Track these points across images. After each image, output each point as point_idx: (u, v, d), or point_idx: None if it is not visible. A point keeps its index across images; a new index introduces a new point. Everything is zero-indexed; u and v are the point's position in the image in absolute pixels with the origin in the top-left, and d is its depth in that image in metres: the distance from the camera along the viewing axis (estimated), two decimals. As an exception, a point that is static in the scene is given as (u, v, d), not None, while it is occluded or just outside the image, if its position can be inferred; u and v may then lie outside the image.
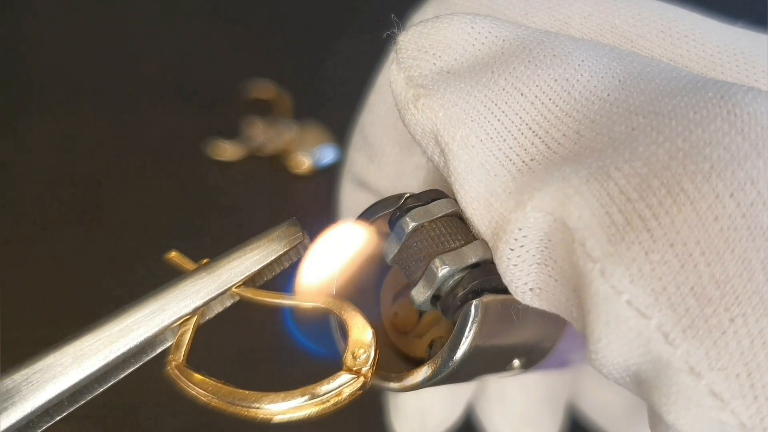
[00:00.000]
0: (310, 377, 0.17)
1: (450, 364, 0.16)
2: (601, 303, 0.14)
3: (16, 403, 0.16)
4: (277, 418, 0.16)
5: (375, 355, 0.16)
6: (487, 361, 0.17)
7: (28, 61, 0.48)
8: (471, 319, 0.15)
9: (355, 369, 0.16)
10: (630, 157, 0.14)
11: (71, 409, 0.17)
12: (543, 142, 0.16)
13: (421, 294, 0.16)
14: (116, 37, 0.51)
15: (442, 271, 0.15)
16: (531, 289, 0.16)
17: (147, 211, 0.44)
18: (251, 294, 0.17)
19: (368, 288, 0.19)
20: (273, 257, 0.17)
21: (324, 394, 0.16)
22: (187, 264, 0.17)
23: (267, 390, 0.16)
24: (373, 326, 0.17)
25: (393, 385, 0.17)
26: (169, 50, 0.51)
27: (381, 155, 0.22)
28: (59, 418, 0.17)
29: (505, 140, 0.16)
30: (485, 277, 0.16)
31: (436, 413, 0.26)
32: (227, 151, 0.48)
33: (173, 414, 0.38)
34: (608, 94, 0.16)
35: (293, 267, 0.18)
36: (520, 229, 0.15)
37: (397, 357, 0.19)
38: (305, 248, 0.18)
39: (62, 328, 0.17)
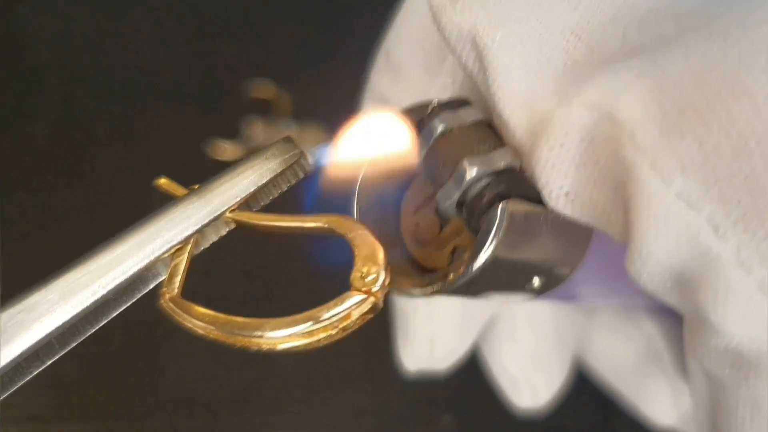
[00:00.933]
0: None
1: (472, 269, 0.15)
2: (650, 196, 0.13)
3: (2, 345, 0.15)
4: (281, 347, 0.15)
5: (386, 274, 0.15)
6: (507, 275, 0.17)
7: (26, 61, 0.48)
8: (497, 223, 0.15)
9: (364, 289, 0.15)
10: (684, 53, 0.14)
11: (62, 352, 0.16)
12: (586, 45, 0.15)
13: (447, 197, 0.16)
14: (115, 37, 0.51)
15: (471, 173, 0.15)
16: (566, 194, 0.15)
17: (147, 211, 0.43)
18: (247, 218, 0.16)
19: (389, 200, 0.18)
20: (269, 177, 0.16)
21: (330, 318, 0.15)
22: (178, 190, 0.16)
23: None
24: (383, 244, 0.16)
25: (412, 290, 0.17)
26: (169, 50, 0.51)
27: (406, 76, 0.22)
28: (50, 362, 0.16)
29: (546, 43, 0.16)
30: (513, 183, 0.15)
31: (445, 342, 0.25)
32: (227, 151, 0.47)
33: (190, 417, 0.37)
34: (654, 2, 0.16)
35: (291, 190, 0.17)
36: (562, 127, 0.15)
37: (416, 269, 0.18)
38: (303, 168, 0.17)
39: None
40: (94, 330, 0.16)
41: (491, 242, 0.15)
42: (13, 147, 0.45)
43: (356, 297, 0.15)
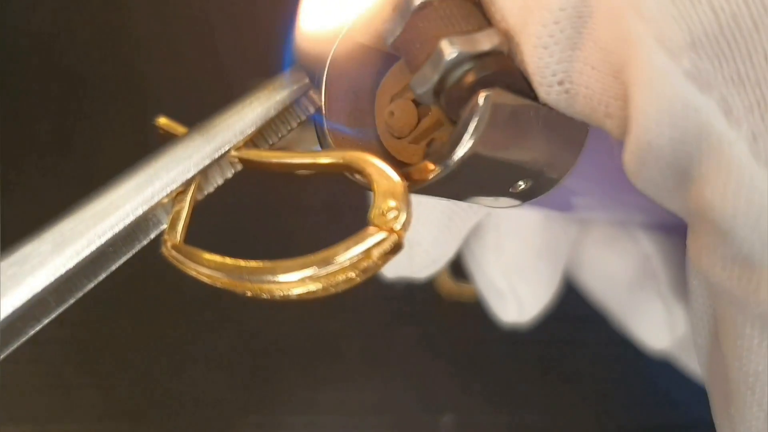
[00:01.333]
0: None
1: (449, 164, 0.14)
2: (653, 75, 0.12)
3: (-7, 302, 0.14)
4: (296, 292, 0.14)
5: (408, 210, 0.14)
6: (488, 175, 0.15)
7: (26, 60, 0.48)
8: (479, 113, 0.13)
9: (385, 227, 0.14)
10: None
11: (60, 310, 0.15)
12: None
13: (423, 82, 0.14)
14: (115, 36, 0.50)
15: (451, 54, 0.13)
16: (560, 83, 0.14)
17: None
18: (255, 156, 0.15)
19: (363, 87, 0.16)
20: (277, 110, 0.15)
21: (349, 258, 0.13)
22: (178, 129, 0.15)
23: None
24: (402, 177, 0.14)
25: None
26: (168, 50, 0.50)
27: None
28: (47, 321, 0.15)
29: None
30: (498, 69, 0.14)
31: (425, 250, 0.24)
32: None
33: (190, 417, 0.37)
34: None
35: (302, 127, 0.15)
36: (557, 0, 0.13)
37: (389, 163, 0.16)
38: (313, 103, 0.15)
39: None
40: (92, 285, 0.15)
41: (472, 134, 0.13)
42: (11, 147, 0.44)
43: (377, 235, 0.14)
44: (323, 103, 0.15)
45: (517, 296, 0.26)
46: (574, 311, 0.28)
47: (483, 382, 0.38)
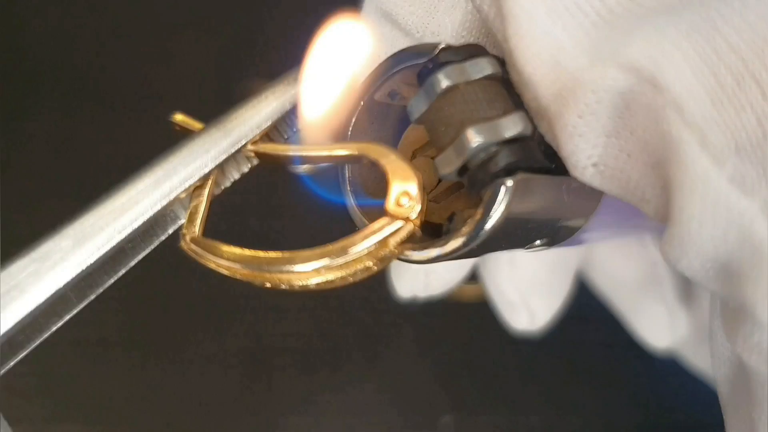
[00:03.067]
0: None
1: (469, 244, 0.14)
2: (697, 179, 0.12)
3: (16, 298, 0.14)
4: (314, 282, 0.14)
5: (423, 201, 0.14)
6: (508, 240, 0.15)
7: (27, 60, 0.48)
8: (499, 201, 0.13)
9: (401, 216, 0.14)
10: (741, 8, 0.12)
11: (80, 306, 0.15)
12: None
13: (447, 164, 0.14)
14: (114, 37, 0.51)
15: (475, 143, 0.13)
16: (594, 165, 0.13)
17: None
18: (271, 150, 0.15)
19: (385, 140, 0.16)
20: (292, 104, 0.15)
21: (367, 246, 0.14)
22: (195, 125, 0.15)
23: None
24: (417, 170, 0.14)
25: (410, 254, 0.15)
26: (168, 50, 0.50)
27: None
28: (68, 317, 0.15)
29: None
30: (522, 156, 0.14)
31: (441, 273, 0.24)
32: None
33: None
34: None
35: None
36: (593, 92, 0.13)
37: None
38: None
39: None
40: (112, 281, 0.15)
41: (491, 219, 0.13)
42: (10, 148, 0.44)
43: (393, 224, 0.14)
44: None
45: (528, 308, 0.26)
46: (576, 311, 0.28)
47: (482, 382, 0.38)
